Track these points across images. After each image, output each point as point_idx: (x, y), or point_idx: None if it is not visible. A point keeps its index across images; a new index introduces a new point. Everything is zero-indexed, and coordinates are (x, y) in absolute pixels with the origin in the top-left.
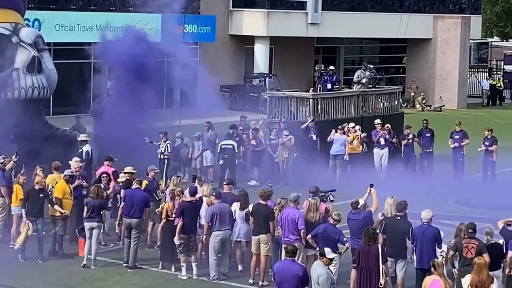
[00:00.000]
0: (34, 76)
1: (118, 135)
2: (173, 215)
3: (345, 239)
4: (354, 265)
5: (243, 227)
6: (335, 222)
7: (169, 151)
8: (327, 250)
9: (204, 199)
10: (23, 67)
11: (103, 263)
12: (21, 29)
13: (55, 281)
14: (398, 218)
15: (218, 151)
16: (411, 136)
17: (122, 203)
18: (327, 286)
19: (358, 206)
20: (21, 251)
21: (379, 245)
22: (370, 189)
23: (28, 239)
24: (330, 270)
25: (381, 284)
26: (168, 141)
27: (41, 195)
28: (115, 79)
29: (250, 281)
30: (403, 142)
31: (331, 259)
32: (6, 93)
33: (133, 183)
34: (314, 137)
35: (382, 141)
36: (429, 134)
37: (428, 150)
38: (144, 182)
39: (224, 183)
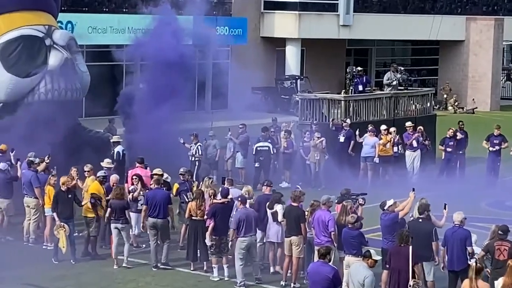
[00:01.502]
0: (67, 78)
1: (148, 136)
2: (196, 215)
3: (366, 240)
4: (387, 266)
5: (272, 228)
6: (352, 226)
7: (200, 153)
8: (372, 251)
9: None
10: (56, 69)
11: (135, 264)
12: (54, 31)
13: (87, 282)
14: (420, 220)
15: (253, 153)
16: (452, 143)
17: (145, 205)
18: None
19: (385, 208)
20: (54, 254)
21: (411, 247)
22: (411, 193)
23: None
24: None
25: (410, 286)
26: (199, 143)
27: (69, 196)
28: (146, 80)
29: (282, 283)
30: (442, 148)
31: (376, 261)
32: (39, 95)
33: (151, 182)
34: (342, 139)
35: (415, 144)
36: (463, 136)
37: (460, 152)
38: (175, 186)
39: (264, 184)
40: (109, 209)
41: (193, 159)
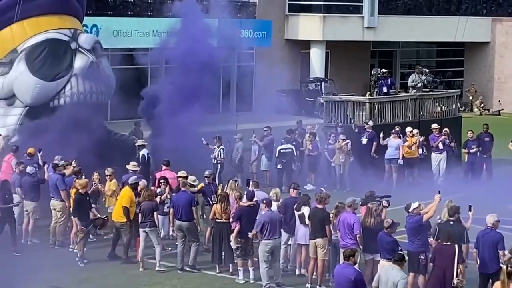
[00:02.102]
0: (92, 82)
1: (173, 138)
2: (221, 218)
3: (399, 247)
4: (431, 264)
5: (299, 230)
6: (388, 231)
7: (222, 156)
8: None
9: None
10: (82, 72)
11: (162, 266)
12: (79, 35)
13: (113, 284)
14: (451, 223)
15: (276, 155)
16: (474, 147)
17: (171, 209)
18: None
19: (410, 210)
20: (79, 256)
21: (456, 245)
22: (436, 196)
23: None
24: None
25: (454, 284)
26: (222, 146)
27: (88, 199)
28: (171, 81)
29: (308, 285)
30: (465, 150)
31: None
32: (65, 98)
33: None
34: (365, 141)
35: (441, 146)
36: (488, 139)
37: (485, 156)
38: (200, 185)
39: (292, 187)
40: (140, 214)
41: (215, 161)
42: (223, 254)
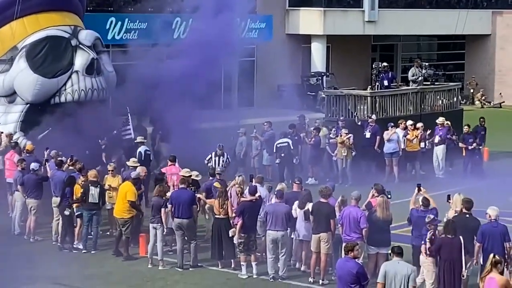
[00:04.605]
0: (93, 78)
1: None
2: (219, 213)
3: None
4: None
5: (302, 226)
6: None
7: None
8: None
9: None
10: (83, 69)
11: (165, 263)
12: (80, 31)
13: (116, 281)
14: (467, 216)
15: (274, 150)
16: (472, 141)
17: (170, 205)
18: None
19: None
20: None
21: (461, 237)
22: (417, 190)
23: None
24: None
25: (463, 276)
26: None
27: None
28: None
29: (310, 279)
30: (464, 145)
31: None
32: (66, 95)
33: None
34: (368, 135)
35: (436, 139)
36: (483, 132)
37: (479, 148)
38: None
39: (296, 182)
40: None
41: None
42: (223, 250)
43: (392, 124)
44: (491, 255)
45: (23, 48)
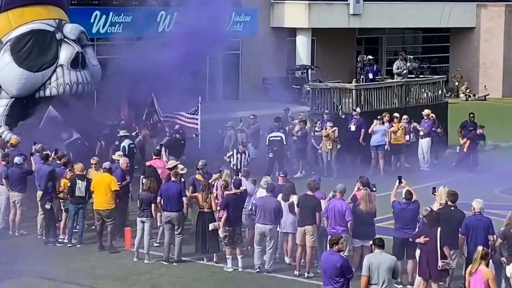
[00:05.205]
0: (78, 72)
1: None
2: (203, 207)
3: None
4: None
5: (288, 219)
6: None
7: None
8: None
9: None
10: (67, 63)
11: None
12: (64, 25)
13: (102, 275)
14: (452, 208)
15: (267, 143)
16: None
17: (159, 197)
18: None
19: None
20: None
21: (439, 228)
22: (398, 182)
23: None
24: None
25: (439, 266)
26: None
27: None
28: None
29: (296, 272)
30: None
31: None
32: (51, 89)
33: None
34: (353, 128)
35: (421, 132)
36: (472, 128)
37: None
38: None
39: (281, 175)
40: (138, 202)
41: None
42: (207, 243)
43: (379, 117)
44: (479, 247)
45: (8, 42)
